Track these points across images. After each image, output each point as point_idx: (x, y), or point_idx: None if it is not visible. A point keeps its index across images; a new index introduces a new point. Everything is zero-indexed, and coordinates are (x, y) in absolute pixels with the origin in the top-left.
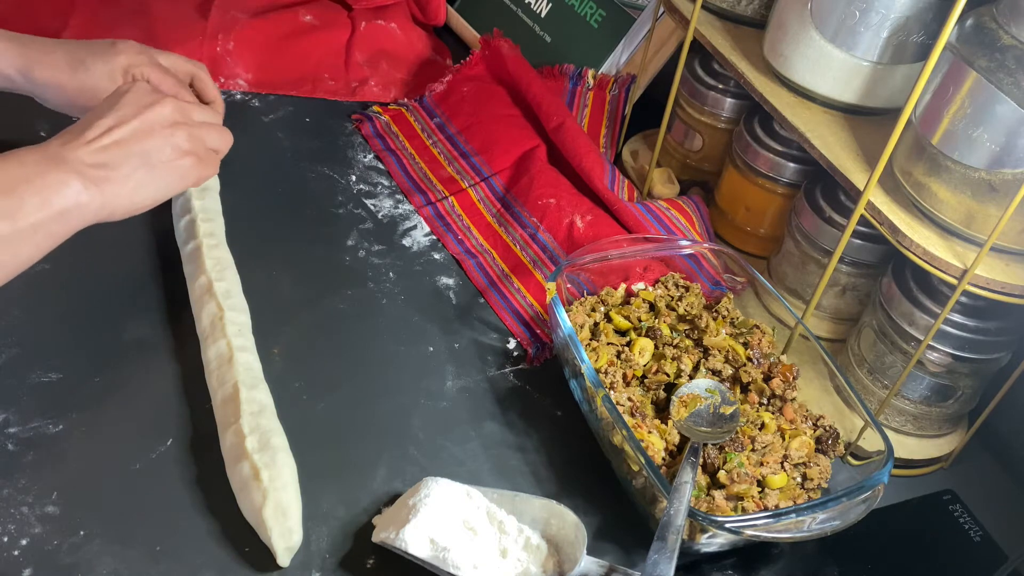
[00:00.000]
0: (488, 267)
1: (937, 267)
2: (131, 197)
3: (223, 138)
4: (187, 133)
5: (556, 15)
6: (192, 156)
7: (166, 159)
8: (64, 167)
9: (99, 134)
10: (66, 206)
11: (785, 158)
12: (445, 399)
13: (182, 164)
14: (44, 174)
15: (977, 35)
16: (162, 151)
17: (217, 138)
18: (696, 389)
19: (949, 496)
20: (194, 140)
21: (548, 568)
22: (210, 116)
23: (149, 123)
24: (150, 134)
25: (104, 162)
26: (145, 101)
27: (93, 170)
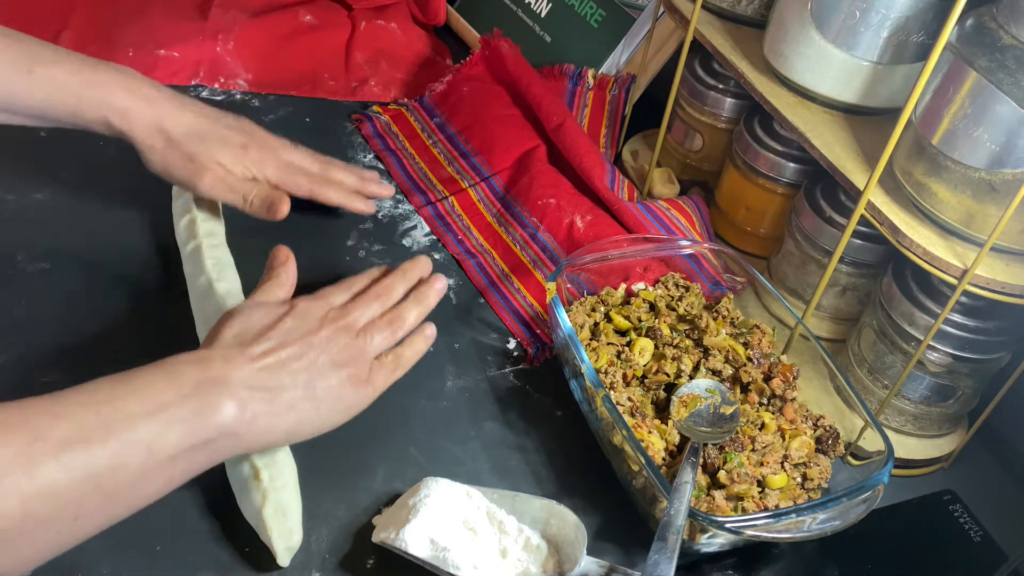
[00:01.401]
0: (488, 267)
1: (937, 267)
2: (288, 431)
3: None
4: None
5: (556, 15)
6: (357, 384)
7: (328, 389)
8: (223, 389)
9: (261, 353)
10: (215, 435)
11: (785, 158)
12: (445, 399)
13: (345, 394)
14: (198, 394)
15: (977, 35)
16: (322, 379)
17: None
18: (696, 389)
19: (949, 496)
20: (357, 362)
21: (548, 568)
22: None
23: (313, 349)
24: (311, 363)
25: (268, 385)
26: (308, 323)
27: (253, 394)
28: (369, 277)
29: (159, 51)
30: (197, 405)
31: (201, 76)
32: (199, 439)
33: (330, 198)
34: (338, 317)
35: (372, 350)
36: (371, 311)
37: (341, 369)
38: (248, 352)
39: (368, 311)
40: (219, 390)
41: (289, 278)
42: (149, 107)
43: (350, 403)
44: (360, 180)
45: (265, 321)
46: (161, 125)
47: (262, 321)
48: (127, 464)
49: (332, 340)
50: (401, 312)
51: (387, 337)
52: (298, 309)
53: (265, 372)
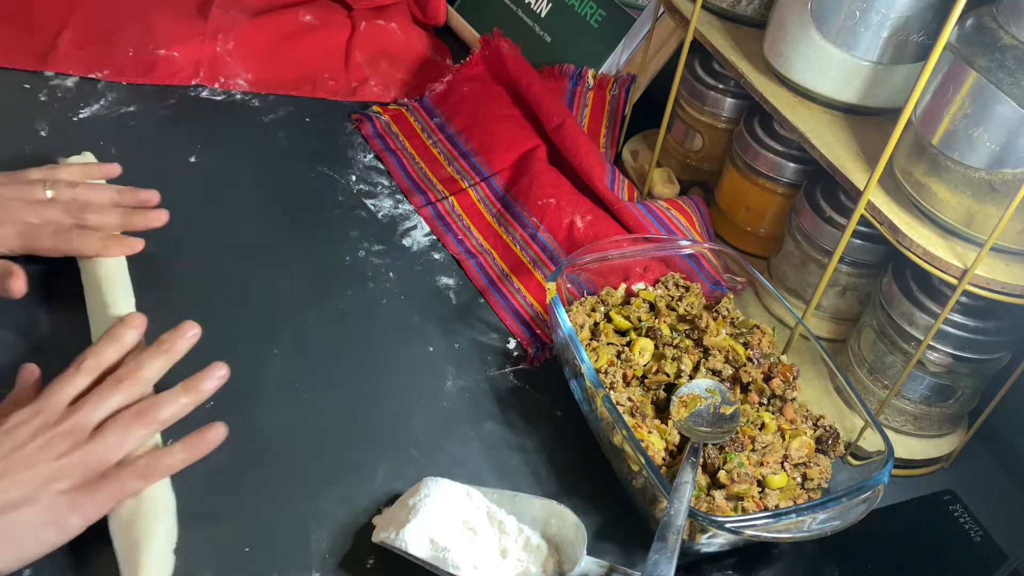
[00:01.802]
0: (488, 267)
1: (937, 267)
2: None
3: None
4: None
5: (556, 15)
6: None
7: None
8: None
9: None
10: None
11: (785, 158)
12: (445, 399)
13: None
14: None
15: (977, 35)
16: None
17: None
18: (696, 389)
19: (949, 496)
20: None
21: (548, 568)
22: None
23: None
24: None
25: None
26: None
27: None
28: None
29: (159, 51)
30: None
31: (201, 76)
32: None
33: (81, 251)
34: (58, 422)
35: (110, 453)
36: (110, 403)
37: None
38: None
39: (105, 404)
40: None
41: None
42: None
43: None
44: (124, 217)
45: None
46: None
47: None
48: None
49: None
50: (156, 404)
51: (135, 433)
52: (9, 423)
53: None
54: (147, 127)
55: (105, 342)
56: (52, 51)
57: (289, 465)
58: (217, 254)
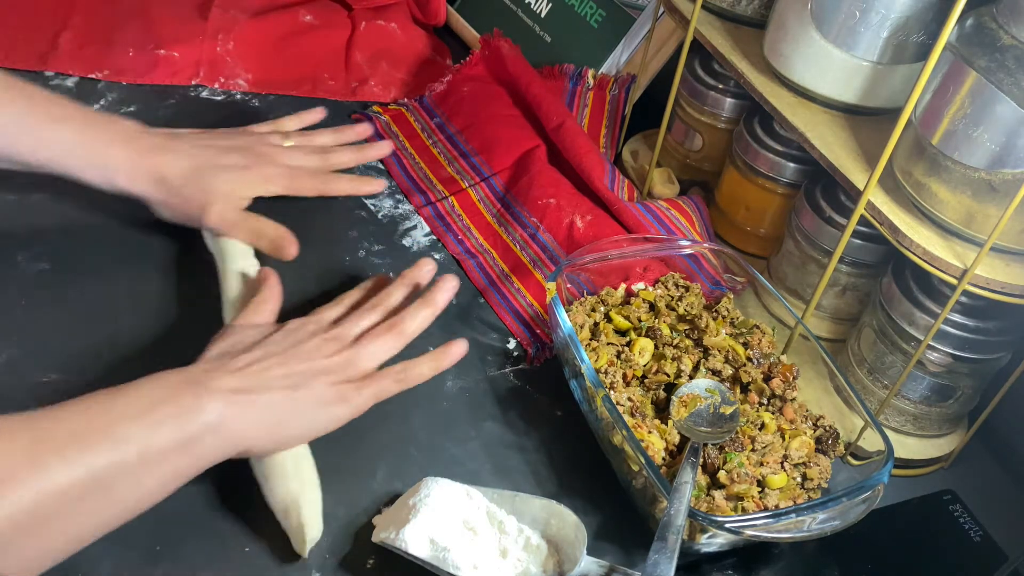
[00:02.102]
0: (488, 267)
1: (937, 267)
2: (271, 432)
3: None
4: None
5: (556, 15)
6: (345, 391)
7: (313, 394)
8: (205, 391)
9: (245, 364)
10: (199, 432)
11: (785, 158)
12: (445, 399)
13: (330, 399)
14: (182, 396)
15: (977, 35)
16: (307, 385)
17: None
18: (696, 389)
19: (949, 496)
20: (346, 370)
21: (548, 568)
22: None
23: (296, 357)
24: (298, 368)
25: (248, 386)
26: (297, 337)
27: (235, 394)
28: (363, 289)
29: (159, 51)
30: (180, 406)
31: (201, 76)
32: (185, 437)
33: (338, 191)
34: (329, 329)
35: (369, 359)
36: (367, 321)
37: (326, 376)
38: (230, 365)
39: (364, 321)
40: (200, 392)
41: (273, 295)
42: (147, 160)
43: (335, 411)
44: (358, 153)
45: (251, 339)
46: (161, 175)
47: (248, 339)
48: (123, 462)
49: (319, 349)
50: (402, 317)
51: (387, 343)
52: (288, 327)
53: (246, 377)
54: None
55: (353, 292)
56: (52, 51)
57: None
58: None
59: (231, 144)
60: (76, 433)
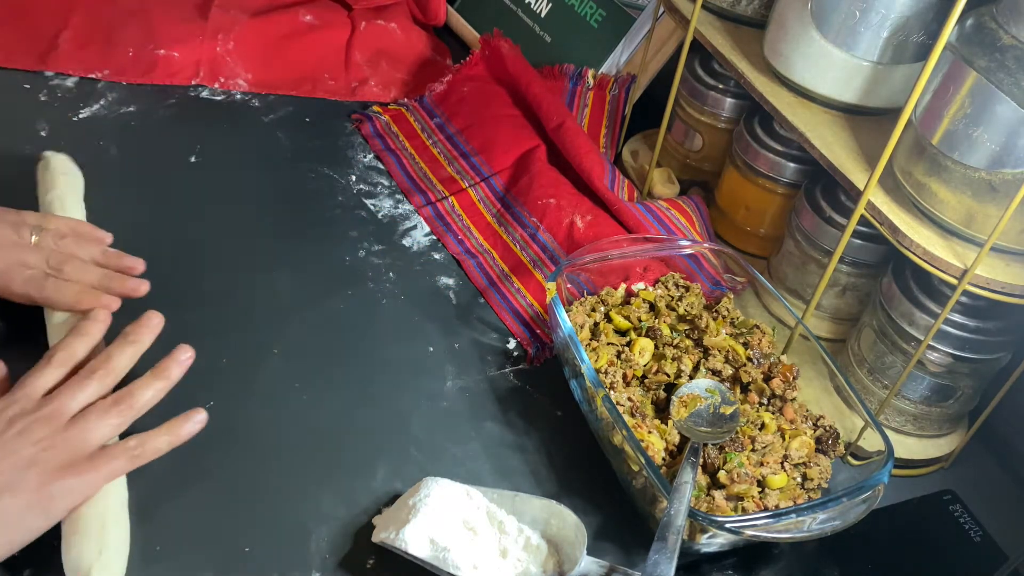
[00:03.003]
0: (488, 267)
1: (937, 267)
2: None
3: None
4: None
5: (556, 15)
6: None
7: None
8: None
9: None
10: None
11: (785, 158)
12: (445, 399)
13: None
14: None
15: (977, 35)
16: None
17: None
18: (696, 389)
19: (949, 496)
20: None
21: (548, 568)
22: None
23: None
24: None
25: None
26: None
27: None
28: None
29: (159, 51)
30: None
31: (201, 76)
32: None
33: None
34: (35, 409)
35: (92, 437)
36: (86, 393)
37: (36, 465)
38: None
39: (81, 393)
40: None
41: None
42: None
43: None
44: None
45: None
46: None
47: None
48: None
49: (23, 435)
50: (133, 390)
51: (113, 422)
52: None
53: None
54: (147, 127)
55: (74, 336)
56: (52, 51)
57: (289, 465)
58: (217, 254)
59: None
60: None
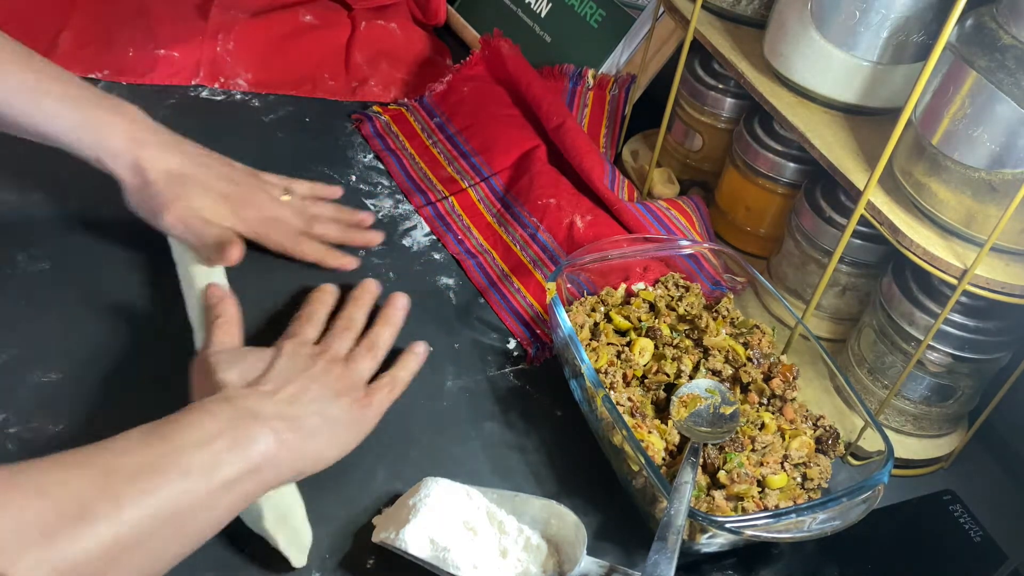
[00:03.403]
0: (488, 267)
1: (937, 267)
2: (317, 455)
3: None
4: (345, 385)
5: (556, 15)
6: (361, 407)
7: (339, 413)
8: (258, 421)
9: (275, 391)
10: (260, 461)
11: (785, 158)
12: (445, 399)
13: (354, 416)
14: (238, 427)
15: (977, 35)
16: (332, 407)
17: (368, 367)
18: (696, 389)
19: (949, 496)
20: (354, 388)
21: (548, 568)
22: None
23: (315, 382)
24: (318, 393)
25: (290, 414)
26: (300, 362)
27: (283, 424)
28: (325, 305)
29: (159, 51)
30: (239, 435)
31: (201, 76)
32: (246, 467)
33: (305, 255)
34: (324, 351)
35: (363, 376)
36: (346, 341)
37: (343, 396)
38: (262, 389)
39: (344, 342)
40: (254, 422)
41: (235, 316)
42: (136, 150)
43: (359, 426)
44: (344, 232)
45: (260, 364)
46: (141, 166)
47: (257, 364)
48: (193, 490)
49: (327, 371)
50: (374, 337)
51: (371, 363)
52: (285, 350)
53: (285, 405)
54: None
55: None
56: (52, 51)
57: None
58: None
59: (226, 172)
60: (144, 465)
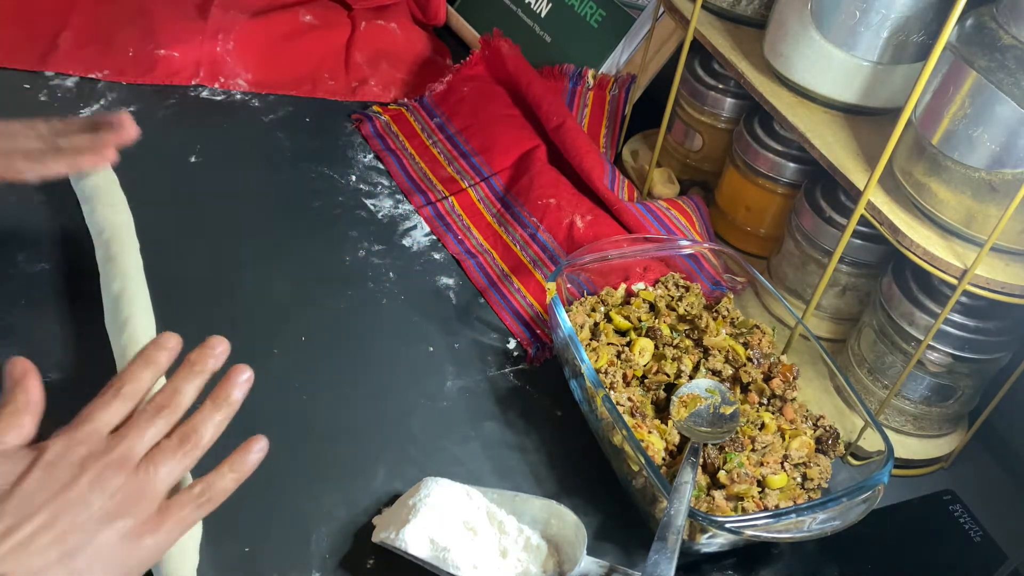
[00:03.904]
0: (488, 267)
1: (937, 267)
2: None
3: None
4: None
5: (556, 15)
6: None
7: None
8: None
9: (10, 526)
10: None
11: (785, 158)
12: (445, 399)
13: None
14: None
15: (977, 35)
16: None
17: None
18: (696, 389)
19: (949, 496)
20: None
21: (548, 568)
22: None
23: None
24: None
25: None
26: (63, 474)
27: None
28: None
29: (159, 51)
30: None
31: (201, 76)
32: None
33: (54, 170)
34: (105, 452)
35: (159, 486)
36: (151, 432)
37: (113, 523)
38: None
39: (148, 433)
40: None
41: (29, 402)
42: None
43: (132, 563)
44: (93, 138)
45: (3, 482)
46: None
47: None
48: None
49: (99, 486)
50: (195, 425)
51: (177, 463)
52: (47, 457)
53: (16, 553)
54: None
55: (141, 365)
56: (52, 51)
57: (289, 465)
58: (217, 254)
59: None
60: None
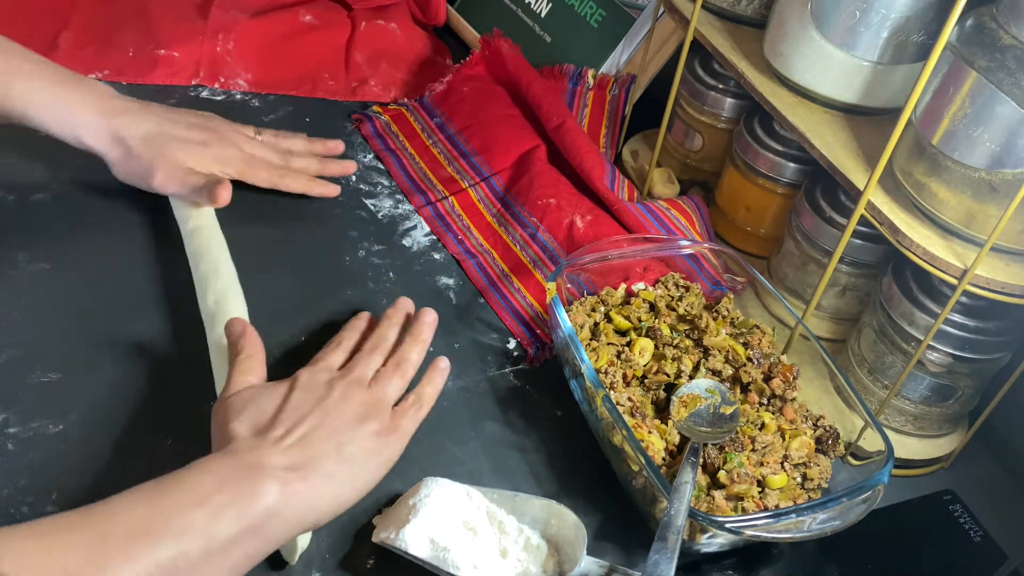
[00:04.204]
0: (488, 267)
1: (937, 267)
2: (332, 500)
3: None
4: (369, 411)
5: (556, 15)
6: (385, 435)
7: (357, 449)
8: (260, 475)
9: (284, 435)
10: (263, 519)
11: (785, 158)
12: (445, 399)
13: (377, 447)
14: (238, 482)
15: (977, 35)
16: (351, 441)
17: (396, 387)
18: (696, 389)
19: (949, 496)
20: (379, 413)
21: (548, 568)
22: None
23: (330, 415)
24: (335, 427)
25: (299, 462)
26: (317, 392)
27: (289, 473)
28: (356, 331)
29: (159, 51)
30: (239, 491)
31: (201, 76)
32: (249, 524)
33: (290, 187)
34: (345, 374)
35: (389, 398)
36: (374, 362)
37: (365, 423)
38: (270, 437)
39: (371, 363)
40: (256, 475)
41: (255, 350)
42: (110, 120)
43: (384, 456)
44: (320, 164)
45: (272, 404)
46: (119, 135)
47: (269, 405)
48: (188, 553)
49: (347, 398)
50: (403, 354)
51: (398, 382)
52: (300, 382)
53: (294, 450)
54: None
55: (349, 332)
56: (52, 51)
57: None
58: None
59: (197, 122)
60: (137, 528)
